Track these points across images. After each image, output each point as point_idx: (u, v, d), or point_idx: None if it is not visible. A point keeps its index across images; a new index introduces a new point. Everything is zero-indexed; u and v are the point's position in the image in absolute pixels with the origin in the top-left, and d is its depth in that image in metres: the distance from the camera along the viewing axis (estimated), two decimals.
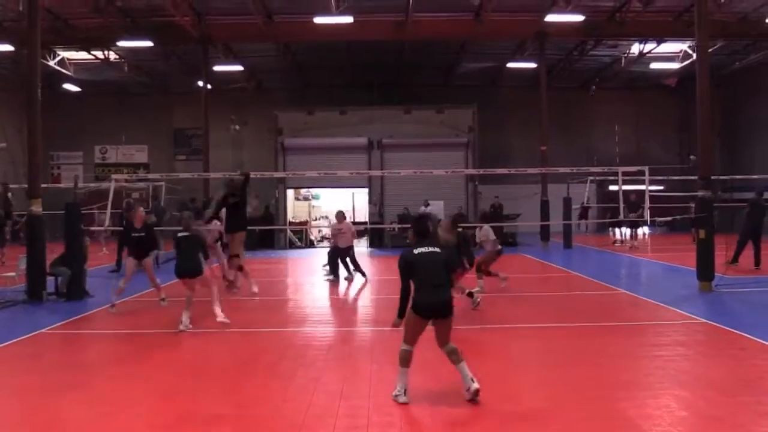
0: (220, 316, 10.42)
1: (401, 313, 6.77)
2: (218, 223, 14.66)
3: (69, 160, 35.36)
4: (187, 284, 10.61)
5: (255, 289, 13.49)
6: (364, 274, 15.93)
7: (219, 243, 14.92)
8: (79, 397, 7.05)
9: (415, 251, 6.72)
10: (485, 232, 13.77)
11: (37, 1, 14.38)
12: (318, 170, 23.62)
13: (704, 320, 10.45)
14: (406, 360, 6.63)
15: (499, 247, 13.77)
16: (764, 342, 8.75)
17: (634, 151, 33.48)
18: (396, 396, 6.58)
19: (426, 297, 6.59)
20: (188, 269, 10.60)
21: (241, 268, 13.57)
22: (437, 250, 6.83)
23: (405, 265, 6.67)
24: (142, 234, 12.83)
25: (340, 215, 16.55)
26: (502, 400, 6.74)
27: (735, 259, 16.23)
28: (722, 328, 9.86)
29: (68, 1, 22.24)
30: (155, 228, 19.13)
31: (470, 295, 11.40)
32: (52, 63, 27.64)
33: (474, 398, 6.45)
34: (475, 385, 6.45)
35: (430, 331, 6.76)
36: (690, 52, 27.53)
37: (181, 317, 10.23)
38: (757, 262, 16.56)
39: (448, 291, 6.71)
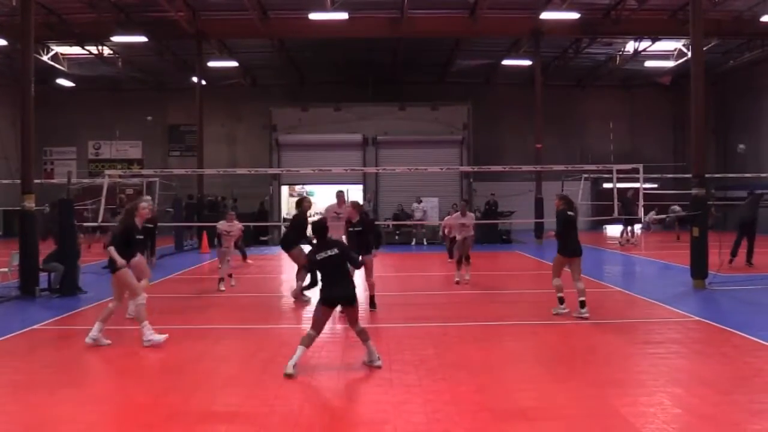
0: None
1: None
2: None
3: (62, 155, 35.21)
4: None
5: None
6: None
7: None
8: (71, 394, 7.02)
9: (318, 257, 7.83)
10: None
11: None
12: (312, 167, 23.60)
13: (698, 318, 10.48)
14: (306, 340, 7.63)
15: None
16: (757, 340, 8.78)
17: (629, 148, 33.55)
18: (286, 368, 7.39)
19: (330, 292, 7.78)
20: None
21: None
22: (335, 252, 7.85)
23: (311, 265, 8.22)
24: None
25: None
26: (494, 397, 6.75)
27: (734, 253, 16.43)
28: (716, 325, 9.89)
29: None
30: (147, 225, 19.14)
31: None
32: (45, 58, 27.49)
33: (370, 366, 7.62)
34: (378, 363, 7.66)
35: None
36: (684, 50, 27.56)
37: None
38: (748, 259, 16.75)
39: (349, 286, 7.84)
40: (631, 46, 28.57)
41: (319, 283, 7.96)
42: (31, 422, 6.17)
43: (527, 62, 29.07)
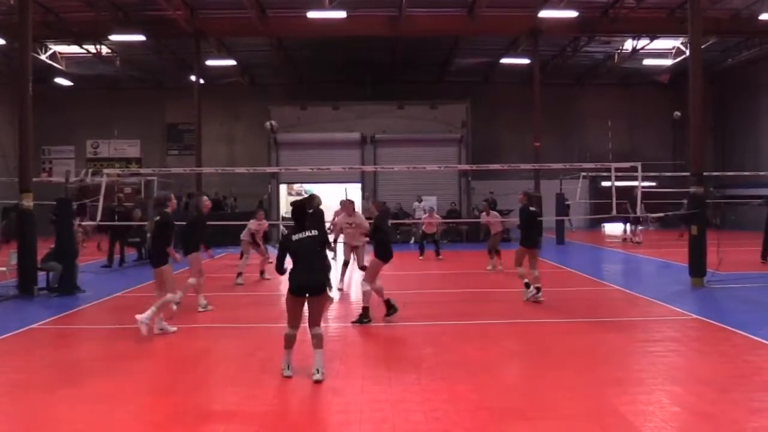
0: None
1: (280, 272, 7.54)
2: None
3: (61, 154, 35.18)
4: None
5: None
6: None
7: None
8: (70, 394, 7.01)
9: (294, 237, 7.38)
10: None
11: None
12: (311, 165, 23.58)
13: (696, 316, 10.49)
14: (289, 342, 7.40)
15: None
16: (756, 338, 8.79)
17: (627, 147, 33.56)
18: (282, 371, 7.33)
19: (299, 279, 7.25)
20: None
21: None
22: (313, 234, 7.46)
23: (283, 249, 7.49)
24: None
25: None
26: (493, 396, 6.75)
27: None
28: (714, 324, 9.89)
29: None
30: (140, 222, 19.17)
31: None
32: (43, 57, 27.47)
33: (316, 381, 7.10)
34: (318, 376, 7.13)
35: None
36: (683, 48, 27.57)
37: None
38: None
39: (322, 273, 7.68)
40: (629, 45, 28.58)
41: (287, 271, 7.36)
42: (30, 422, 6.17)
43: (526, 61, 29.08)
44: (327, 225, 13.79)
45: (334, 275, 13.53)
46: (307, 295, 7.30)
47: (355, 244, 13.42)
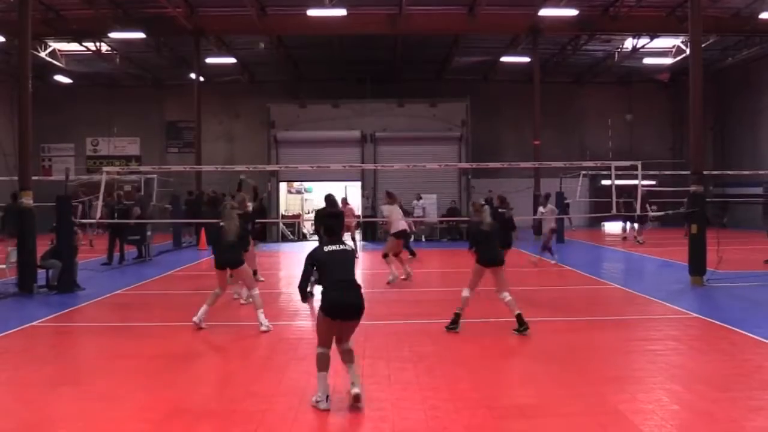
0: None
1: (304, 299, 6.82)
2: None
3: (60, 152, 35.15)
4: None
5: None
6: None
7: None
8: (69, 391, 7.02)
9: (326, 248, 6.42)
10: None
11: None
12: (311, 163, 23.57)
13: (696, 315, 10.50)
14: (323, 363, 6.32)
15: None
16: (755, 336, 8.79)
17: (627, 145, 33.54)
18: (317, 402, 6.24)
19: (336, 298, 6.24)
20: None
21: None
22: (347, 247, 6.53)
23: (310, 264, 6.41)
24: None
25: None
26: (493, 394, 6.75)
27: None
28: (714, 322, 9.90)
29: None
30: (140, 220, 19.17)
31: None
32: (43, 54, 27.43)
33: (355, 403, 6.20)
34: (357, 390, 6.23)
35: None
36: (683, 47, 27.55)
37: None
38: None
39: (359, 292, 6.36)
40: (629, 43, 28.53)
41: (311, 296, 6.76)
42: (29, 419, 6.16)
43: (526, 59, 29.04)
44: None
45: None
46: (343, 318, 6.32)
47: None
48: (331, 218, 6.95)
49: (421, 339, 9.08)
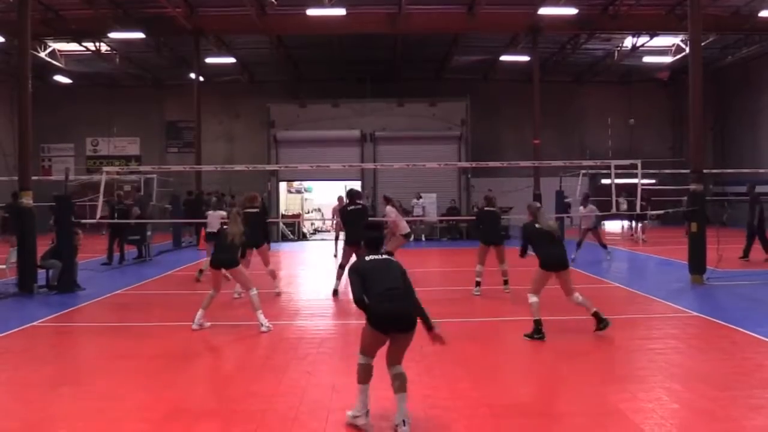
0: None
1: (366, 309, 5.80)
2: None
3: (60, 152, 35.15)
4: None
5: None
6: None
7: None
8: (69, 391, 7.02)
9: (368, 259, 5.93)
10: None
11: None
12: (310, 163, 23.57)
13: (696, 314, 10.50)
14: (365, 374, 5.78)
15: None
16: (756, 335, 8.79)
17: (627, 144, 33.52)
18: (355, 417, 5.76)
19: (383, 308, 5.63)
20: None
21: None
22: (391, 258, 6.04)
23: (358, 275, 5.79)
24: None
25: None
26: (494, 393, 6.75)
27: (746, 254, 16.49)
28: (714, 321, 9.90)
29: None
30: (140, 219, 19.17)
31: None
32: (43, 54, 27.42)
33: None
34: (405, 429, 5.47)
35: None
36: (683, 46, 27.54)
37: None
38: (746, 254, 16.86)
39: (411, 302, 5.76)
40: (629, 42, 28.51)
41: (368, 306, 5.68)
42: (30, 419, 6.17)
43: (525, 58, 29.02)
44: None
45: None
46: (394, 331, 5.70)
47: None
48: (373, 230, 6.38)
49: (421, 338, 9.05)
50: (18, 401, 6.73)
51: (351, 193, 13.37)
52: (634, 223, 25.96)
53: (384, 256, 6.03)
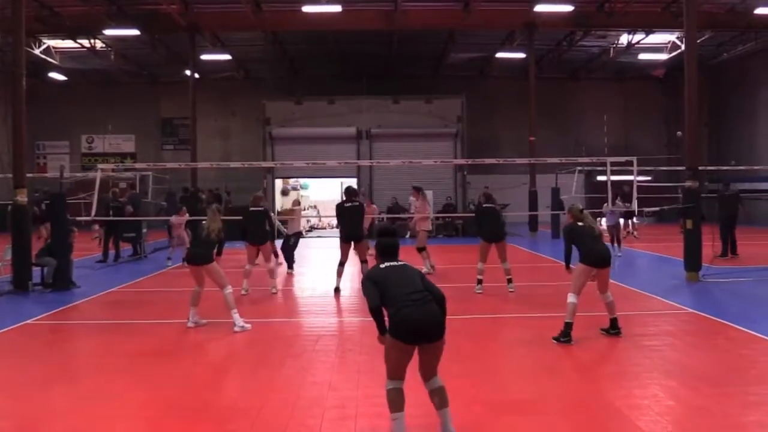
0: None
1: (382, 329, 5.34)
2: None
3: (55, 149, 35.07)
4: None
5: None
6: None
7: None
8: (65, 389, 7.00)
9: (382, 266, 5.49)
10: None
11: None
12: (306, 160, 23.54)
13: (691, 310, 10.52)
14: (397, 402, 5.21)
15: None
16: (751, 332, 8.80)
17: (623, 141, 33.57)
18: None
19: (409, 314, 5.10)
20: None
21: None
22: (405, 263, 5.62)
23: (372, 282, 5.33)
24: None
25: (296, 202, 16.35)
26: (489, 390, 6.75)
27: (724, 253, 16.43)
28: (709, 318, 9.92)
29: None
30: (133, 217, 19.10)
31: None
32: (37, 51, 27.33)
33: None
34: None
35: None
36: (678, 43, 27.58)
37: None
38: (733, 250, 16.84)
39: (437, 305, 5.30)
40: (624, 39, 28.56)
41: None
42: (26, 418, 6.15)
43: (521, 55, 29.03)
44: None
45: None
46: (422, 340, 5.19)
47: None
48: (386, 236, 5.83)
49: None
50: (13, 399, 6.70)
51: (348, 191, 13.52)
52: (626, 220, 25.95)
53: (401, 262, 5.56)
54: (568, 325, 8.57)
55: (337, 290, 12.79)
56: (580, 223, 8.96)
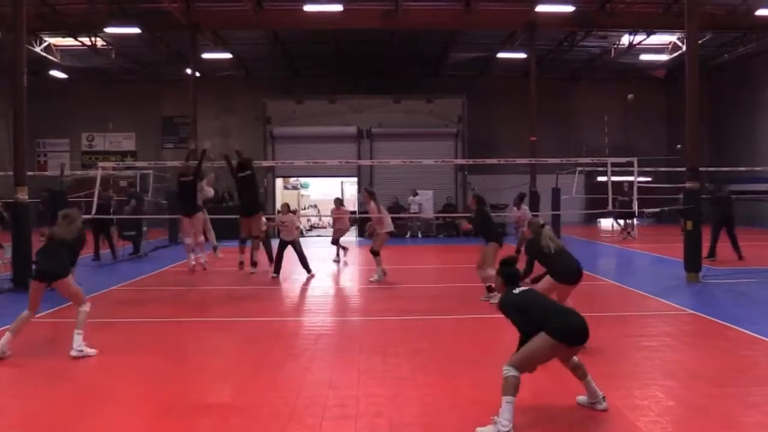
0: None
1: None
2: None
3: (55, 147, 35.07)
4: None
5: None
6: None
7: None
8: (65, 387, 7.01)
9: (515, 291, 6.01)
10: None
11: None
12: (307, 159, 23.53)
13: (691, 311, 10.51)
14: (515, 387, 5.69)
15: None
16: (751, 333, 8.80)
17: (623, 142, 33.56)
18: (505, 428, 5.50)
19: (575, 322, 5.73)
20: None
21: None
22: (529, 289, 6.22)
23: (517, 308, 5.92)
24: None
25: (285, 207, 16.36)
26: (489, 391, 6.73)
27: (712, 254, 16.37)
28: (709, 318, 9.91)
29: None
30: (133, 215, 19.12)
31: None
32: (38, 49, 27.29)
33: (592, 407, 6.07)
34: (604, 405, 6.01)
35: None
36: (679, 43, 27.57)
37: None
38: (738, 253, 16.80)
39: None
40: (625, 40, 28.53)
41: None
42: (26, 415, 6.14)
43: (522, 55, 29.00)
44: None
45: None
46: (581, 342, 5.86)
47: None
48: (509, 266, 6.22)
49: (416, 335, 9.07)
50: (14, 397, 6.70)
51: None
52: (625, 220, 25.97)
53: (526, 287, 6.17)
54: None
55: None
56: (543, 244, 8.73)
